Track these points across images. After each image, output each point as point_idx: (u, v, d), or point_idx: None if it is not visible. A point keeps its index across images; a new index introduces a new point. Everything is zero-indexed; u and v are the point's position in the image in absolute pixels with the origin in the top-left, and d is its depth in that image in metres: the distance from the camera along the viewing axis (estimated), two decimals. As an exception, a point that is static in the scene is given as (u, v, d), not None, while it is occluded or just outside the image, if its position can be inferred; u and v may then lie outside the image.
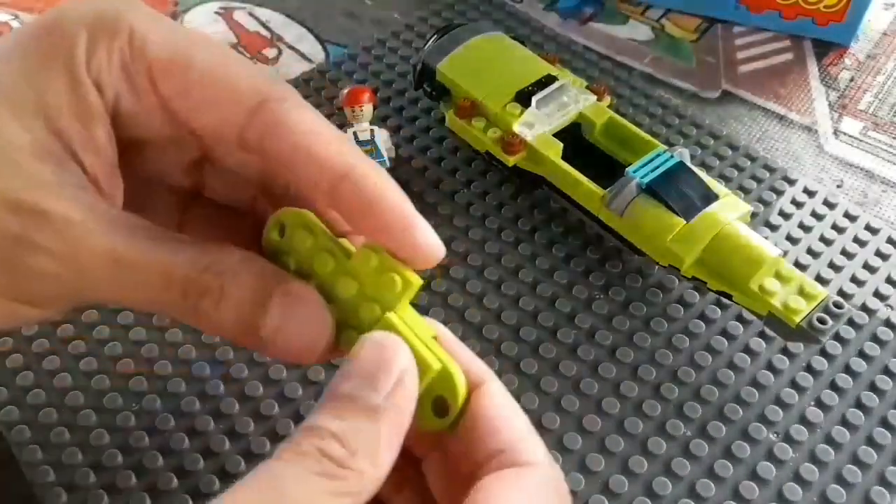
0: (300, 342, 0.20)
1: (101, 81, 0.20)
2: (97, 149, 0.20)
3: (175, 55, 0.21)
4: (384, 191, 0.20)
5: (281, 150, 0.21)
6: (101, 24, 0.21)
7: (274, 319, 0.20)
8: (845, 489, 0.27)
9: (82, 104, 0.20)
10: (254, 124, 0.21)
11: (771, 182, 0.37)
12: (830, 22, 0.44)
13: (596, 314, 0.32)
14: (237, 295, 0.20)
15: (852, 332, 0.32)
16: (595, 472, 0.28)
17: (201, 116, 0.21)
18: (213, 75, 0.21)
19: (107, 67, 0.20)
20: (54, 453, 0.27)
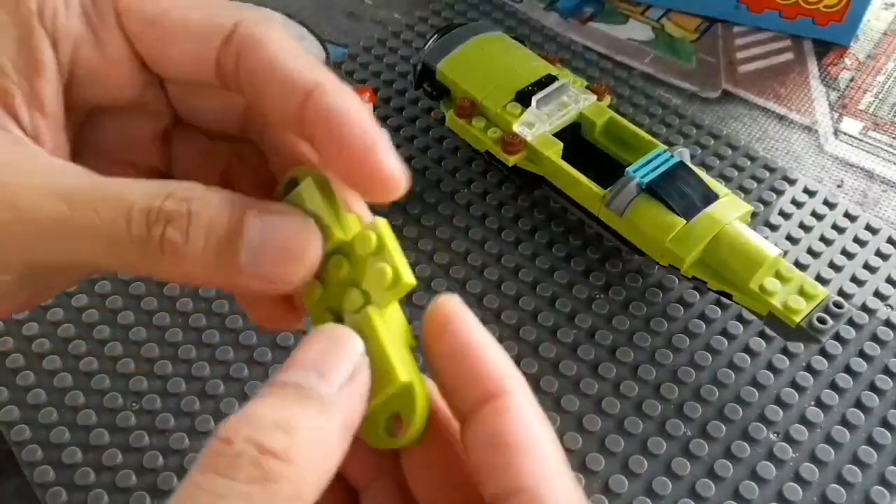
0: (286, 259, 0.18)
1: (57, 32, 0.19)
2: (42, 106, 0.19)
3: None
4: (348, 108, 0.19)
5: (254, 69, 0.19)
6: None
7: (253, 236, 0.18)
8: (845, 489, 0.27)
9: (30, 57, 0.19)
10: (228, 49, 0.19)
11: (771, 182, 0.37)
12: (830, 22, 0.44)
13: (596, 314, 0.32)
14: (209, 216, 0.18)
15: (852, 332, 0.32)
16: (595, 471, 0.28)
17: (172, 50, 0.20)
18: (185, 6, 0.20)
19: (63, 14, 0.19)
20: (54, 453, 0.27)
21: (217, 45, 0.19)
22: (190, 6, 0.20)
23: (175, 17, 0.20)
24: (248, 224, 0.18)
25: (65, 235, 0.17)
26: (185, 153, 0.23)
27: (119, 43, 0.20)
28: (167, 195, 0.18)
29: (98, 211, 0.17)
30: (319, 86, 0.19)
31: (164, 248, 0.17)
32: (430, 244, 0.34)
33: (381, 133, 0.19)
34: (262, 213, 0.18)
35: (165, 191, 0.18)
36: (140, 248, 0.17)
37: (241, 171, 0.23)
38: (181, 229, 0.17)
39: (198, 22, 0.20)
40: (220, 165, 0.23)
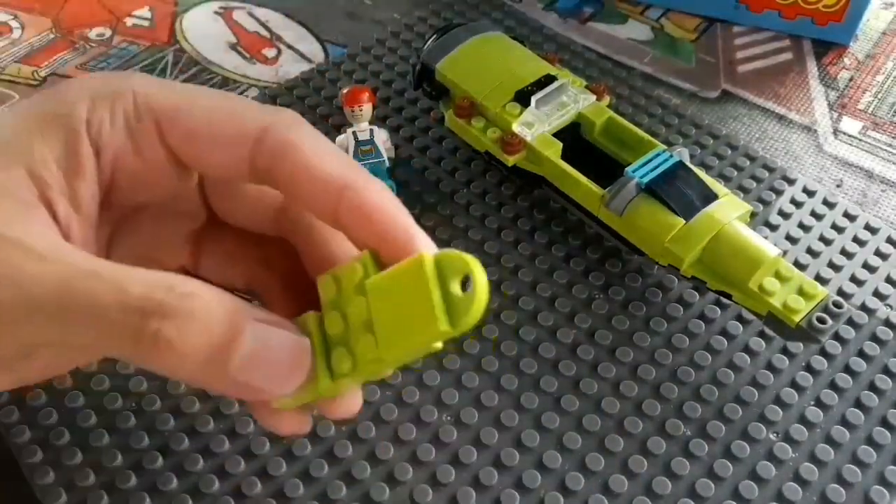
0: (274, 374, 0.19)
1: (102, 142, 0.21)
2: (77, 203, 0.20)
3: (179, 102, 0.21)
4: (384, 201, 0.21)
5: (288, 170, 0.21)
6: (105, 90, 0.21)
7: (248, 345, 0.18)
8: (845, 489, 0.27)
9: (72, 159, 0.20)
10: (261, 151, 0.21)
11: (770, 182, 0.37)
12: (830, 21, 0.44)
13: (595, 314, 0.32)
14: (206, 318, 0.18)
15: (852, 332, 0.32)
16: (595, 471, 0.28)
17: (210, 155, 0.21)
18: (219, 112, 0.21)
19: (109, 128, 0.21)
20: (54, 453, 0.27)
21: (250, 150, 0.21)
22: (224, 114, 0.21)
23: (210, 127, 0.21)
24: (244, 333, 0.18)
25: (61, 317, 0.18)
26: (215, 253, 0.25)
27: (158, 151, 0.21)
28: (167, 288, 0.18)
29: (95, 295, 0.18)
30: (355, 181, 0.20)
31: (158, 343, 0.17)
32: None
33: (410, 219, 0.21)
34: (258, 324, 0.18)
35: (167, 283, 0.18)
36: (133, 338, 0.18)
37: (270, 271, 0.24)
38: (177, 326, 0.17)
39: (231, 129, 0.21)
40: (248, 266, 0.25)
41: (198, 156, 0.22)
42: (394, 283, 0.19)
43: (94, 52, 0.44)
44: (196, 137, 0.21)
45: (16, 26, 0.45)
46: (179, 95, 0.22)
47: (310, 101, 0.40)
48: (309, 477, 0.27)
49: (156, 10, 0.47)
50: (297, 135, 0.21)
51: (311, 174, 0.21)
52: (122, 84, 0.21)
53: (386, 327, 0.19)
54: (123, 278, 0.18)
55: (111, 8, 0.47)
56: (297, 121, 0.22)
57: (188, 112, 0.21)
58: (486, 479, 0.27)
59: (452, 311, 0.18)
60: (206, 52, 0.44)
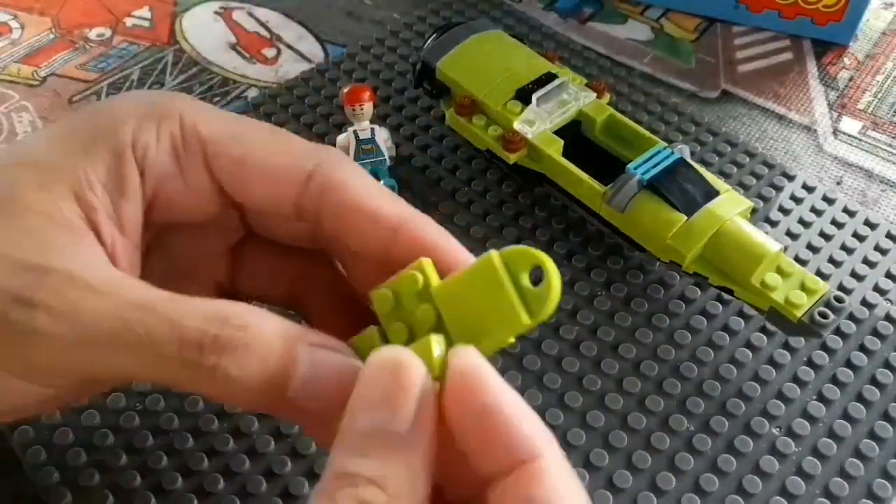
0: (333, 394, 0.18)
1: (147, 163, 0.21)
2: (122, 226, 0.20)
3: (228, 130, 0.21)
4: (440, 235, 0.21)
5: (337, 210, 0.21)
6: (151, 109, 0.21)
7: (304, 371, 0.18)
8: (848, 482, 0.27)
9: (118, 181, 0.20)
10: (310, 189, 0.21)
11: (770, 178, 0.37)
12: (829, 21, 0.44)
13: (598, 310, 0.32)
14: (263, 347, 0.18)
15: (853, 327, 0.32)
16: (599, 467, 0.28)
17: (255, 188, 0.21)
18: (268, 146, 0.21)
19: (154, 149, 0.21)
20: (58, 454, 0.27)
21: (296, 189, 0.21)
22: (273, 148, 0.21)
23: (259, 160, 0.21)
24: (300, 360, 0.18)
25: (118, 352, 0.18)
26: (252, 267, 0.25)
27: (203, 177, 0.21)
28: (222, 321, 0.18)
29: (151, 330, 0.18)
30: (409, 219, 0.21)
31: (217, 376, 0.18)
32: (431, 242, 0.34)
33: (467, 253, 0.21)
34: (311, 349, 0.19)
35: (220, 316, 0.18)
36: (190, 371, 0.18)
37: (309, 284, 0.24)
38: (235, 360, 0.18)
39: (280, 165, 0.21)
40: (286, 279, 0.25)
41: (242, 188, 0.21)
42: (464, 285, 0.19)
43: (94, 52, 0.44)
44: (244, 170, 0.21)
45: (16, 26, 0.45)
46: (229, 125, 0.21)
47: (310, 100, 0.40)
48: (314, 475, 0.27)
49: (156, 10, 0.47)
50: (345, 173, 0.21)
51: (364, 212, 0.21)
52: (169, 106, 0.21)
53: (460, 328, 0.19)
54: (178, 311, 0.18)
55: (111, 8, 0.47)
56: (343, 159, 0.22)
57: (237, 143, 0.21)
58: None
59: (528, 304, 0.18)
60: (206, 52, 0.44)
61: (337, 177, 0.21)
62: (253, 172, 0.21)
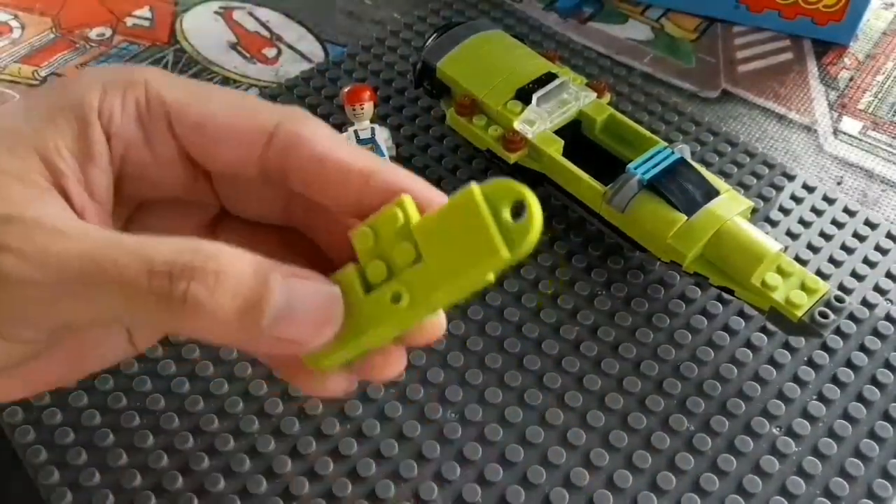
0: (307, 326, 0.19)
1: (112, 129, 0.21)
2: (92, 190, 0.20)
3: (191, 95, 0.21)
4: (412, 179, 0.20)
5: (303, 164, 0.21)
6: (117, 79, 0.21)
7: (277, 300, 0.18)
8: (848, 482, 0.27)
9: (85, 146, 0.20)
10: (273, 146, 0.21)
11: (770, 178, 0.37)
12: (830, 21, 0.44)
13: (598, 310, 0.32)
14: (235, 275, 0.18)
15: (853, 327, 0.32)
16: (599, 467, 0.28)
17: (219, 150, 0.21)
18: (229, 108, 0.21)
19: (119, 115, 0.21)
20: (59, 453, 0.27)
21: (260, 147, 0.21)
22: (234, 110, 0.21)
23: (220, 121, 0.21)
24: (273, 287, 0.18)
25: (88, 290, 0.18)
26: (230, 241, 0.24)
27: (168, 144, 0.21)
28: (192, 251, 0.18)
29: (120, 265, 0.18)
30: (378, 167, 0.20)
31: (187, 304, 0.18)
32: (431, 242, 0.34)
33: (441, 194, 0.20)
34: (288, 277, 0.19)
35: (192, 247, 0.18)
36: (162, 303, 0.18)
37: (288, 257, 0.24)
38: (207, 286, 0.18)
39: (241, 124, 0.21)
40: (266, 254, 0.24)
41: (206, 150, 0.21)
42: (444, 220, 0.19)
43: (94, 52, 0.44)
44: (206, 131, 0.21)
45: (16, 26, 0.45)
46: (192, 90, 0.21)
47: (310, 100, 0.40)
48: (314, 475, 0.27)
49: (156, 9, 0.47)
50: (310, 128, 0.21)
51: (333, 163, 0.20)
52: (135, 74, 0.21)
53: (439, 264, 0.19)
54: (147, 245, 0.18)
55: (111, 8, 0.47)
56: (305, 115, 0.21)
57: (200, 106, 0.21)
58: (491, 476, 0.27)
59: (508, 239, 0.18)
60: (207, 51, 0.44)
61: (301, 132, 0.21)
62: (214, 134, 0.21)
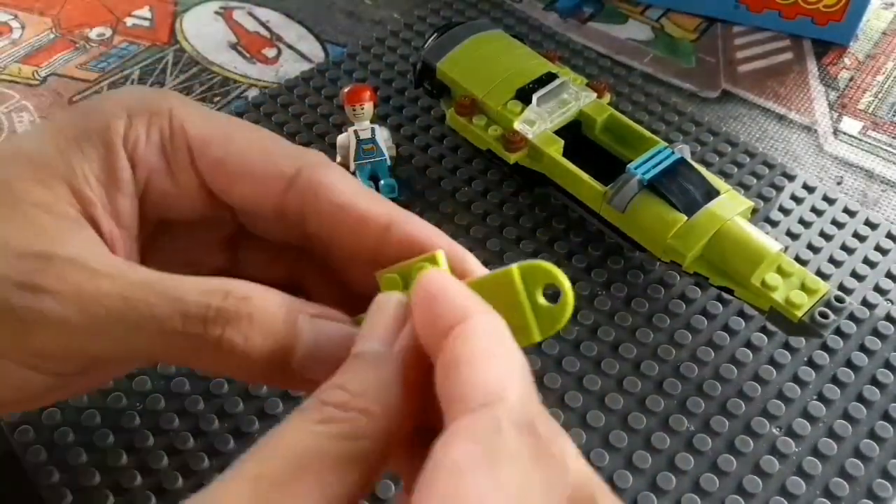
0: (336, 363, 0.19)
1: (137, 157, 0.21)
2: (119, 217, 0.21)
3: (214, 131, 0.21)
4: (429, 231, 0.21)
5: (323, 211, 0.21)
6: (142, 105, 0.21)
7: (307, 340, 0.19)
8: (848, 482, 0.27)
9: (111, 174, 0.20)
10: (293, 191, 0.21)
11: (770, 178, 0.37)
12: (830, 21, 0.44)
13: (598, 310, 0.32)
14: (267, 318, 0.18)
15: (853, 327, 0.32)
16: (599, 467, 0.28)
17: (239, 189, 0.21)
18: (251, 148, 0.21)
19: (144, 144, 0.21)
20: (59, 454, 0.27)
21: (280, 190, 0.21)
22: (256, 150, 0.21)
23: (239, 162, 0.21)
24: (302, 329, 0.19)
25: (121, 330, 0.18)
26: (250, 255, 0.25)
27: (190, 175, 0.22)
28: (225, 294, 0.18)
29: (153, 307, 0.18)
30: (397, 217, 0.21)
31: (223, 348, 0.18)
32: (431, 242, 0.34)
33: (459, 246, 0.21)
34: (314, 319, 0.19)
35: (223, 289, 0.18)
36: (195, 345, 0.18)
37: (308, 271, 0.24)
38: (239, 331, 0.18)
39: (260, 168, 0.21)
40: (285, 266, 0.25)
41: (227, 189, 0.22)
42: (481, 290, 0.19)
43: (94, 52, 0.44)
44: (226, 170, 0.21)
45: (16, 26, 0.45)
46: (216, 125, 0.22)
47: (310, 100, 0.40)
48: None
49: (156, 9, 0.47)
50: (330, 176, 0.21)
51: (353, 212, 0.21)
52: (161, 103, 0.21)
53: None
54: (180, 288, 0.18)
55: (111, 8, 0.47)
56: (326, 162, 0.22)
57: (222, 142, 0.21)
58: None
59: (541, 321, 0.19)
60: (207, 52, 0.44)
61: (322, 179, 0.21)
62: (234, 174, 0.21)
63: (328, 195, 0.21)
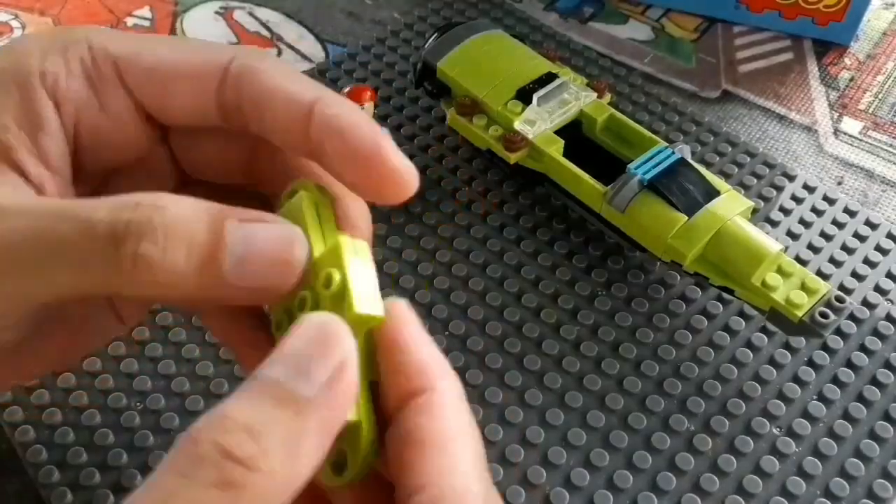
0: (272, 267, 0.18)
1: (59, 92, 0.20)
2: (46, 159, 0.19)
3: (140, 45, 0.20)
4: (350, 115, 0.19)
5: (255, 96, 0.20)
6: (56, 41, 0.20)
7: (235, 245, 0.17)
8: (848, 482, 0.27)
9: (31, 114, 0.19)
10: (228, 81, 0.20)
11: (771, 178, 0.37)
12: (830, 21, 0.44)
13: (598, 310, 0.32)
14: (185, 226, 0.17)
15: (853, 327, 0.32)
16: (600, 467, 0.28)
17: (176, 95, 0.20)
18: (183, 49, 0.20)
19: (64, 77, 0.20)
20: (59, 453, 0.27)
21: (216, 83, 0.20)
22: (186, 51, 0.20)
23: (172, 64, 0.20)
24: (230, 233, 0.17)
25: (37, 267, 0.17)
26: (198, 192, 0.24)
27: (122, 100, 0.20)
28: (134, 206, 0.17)
29: (60, 233, 0.17)
30: (320, 99, 0.19)
31: (139, 264, 0.16)
32: (431, 242, 0.34)
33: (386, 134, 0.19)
34: (244, 222, 0.18)
35: (131, 202, 0.17)
36: (112, 266, 0.17)
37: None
38: (157, 243, 0.16)
39: (194, 64, 0.20)
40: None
41: (161, 98, 0.20)
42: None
43: (95, 53, 0.44)
44: (158, 76, 0.20)
45: (16, 26, 0.45)
46: (139, 39, 0.21)
47: (311, 100, 0.40)
48: (314, 474, 0.27)
49: (156, 9, 0.47)
50: (262, 62, 0.20)
51: (279, 95, 0.19)
52: (76, 34, 0.20)
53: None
54: (86, 208, 0.17)
55: (111, 8, 0.47)
56: (264, 52, 0.21)
57: (150, 53, 0.20)
58: (492, 476, 0.27)
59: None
60: (207, 52, 0.44)
61: (254, 64, 0.20)
62: (168, 79, 0.20)
63: (260, 80, 0.20)
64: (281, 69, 0.20)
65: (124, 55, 0.20)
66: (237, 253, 0.17)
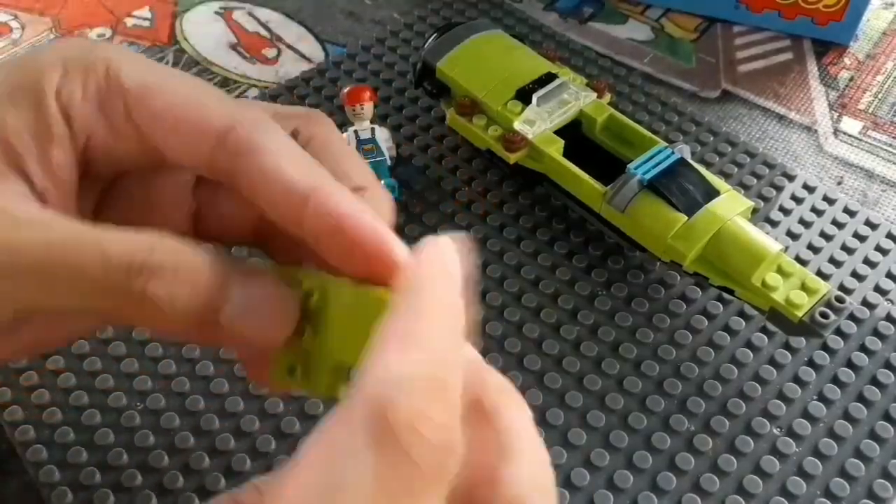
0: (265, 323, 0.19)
1: (72, 112, 0.20)
2: (51, 170, 0.20)
3: (149, 82, 0.21)
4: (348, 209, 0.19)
5: (249, 173, 0.20)
6: (77, 60, 0.21)
7: (237, 298, 0.18)
8: (849, 482, 0.27)
9: (42, 126, 0.20)
10: (223, 149, 0.20)
11: (771, 178, 0.37)
12: (830, 21, 0.44)
13: (598, 310, 0.32)
14: (193, 272, 0.18)
15: (853, 327, 0.32)
16: (600, 467, 0.28)
17: (172, 143, 0.21)
18: (186, 99, 0.21)
19: (79, 99, 0.20)
20: (59, 453, 0.27)
21: (209, 147, 0.20)
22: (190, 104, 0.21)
23: (173, 115, 0.21)
24: (231, 284, 0.18)
25: (47, 282, 0.18)
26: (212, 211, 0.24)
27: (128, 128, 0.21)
28: (149, 247, 0.18)
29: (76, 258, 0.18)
30: (318, 189, 0.19)
31: (146, 301, 0.18)
32: (432, 242, 0.34)
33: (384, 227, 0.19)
34: (244, 276, 0.19)
35: (147, 242, 0.18)
36: (118, 297, 0.18)
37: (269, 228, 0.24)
38: (164, 284, 0.18)
39: (194, 122, 0.20)
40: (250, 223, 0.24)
41: (162, 141, 0.21)
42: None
43: (94, 53, 0.44)
44: (160, 121, 0.21)
45: (16, 26, 0.45)
46: (151, 76, 0.21)
47: (310, 100, 0.40)
48: (314, 474, 0.27)
49: (156, 10, 0.47)
50: (262, 137, 0.20)
51: (273, 178, 0.19)
52: (96, 54, 0.21)
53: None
54: (104, 238, 0.18)
55: (111, 8, 0.47)
56: (263, 121, 0.21)
57: (156, 93, 0.21)
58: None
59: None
60: (207, 52, 0.44)
61: (253, 139, 0.20)
62: (166, 126, 0.21)
63: (256, 159, 0.20)
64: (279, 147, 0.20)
65: (135, 90, 0.21)
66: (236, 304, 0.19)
